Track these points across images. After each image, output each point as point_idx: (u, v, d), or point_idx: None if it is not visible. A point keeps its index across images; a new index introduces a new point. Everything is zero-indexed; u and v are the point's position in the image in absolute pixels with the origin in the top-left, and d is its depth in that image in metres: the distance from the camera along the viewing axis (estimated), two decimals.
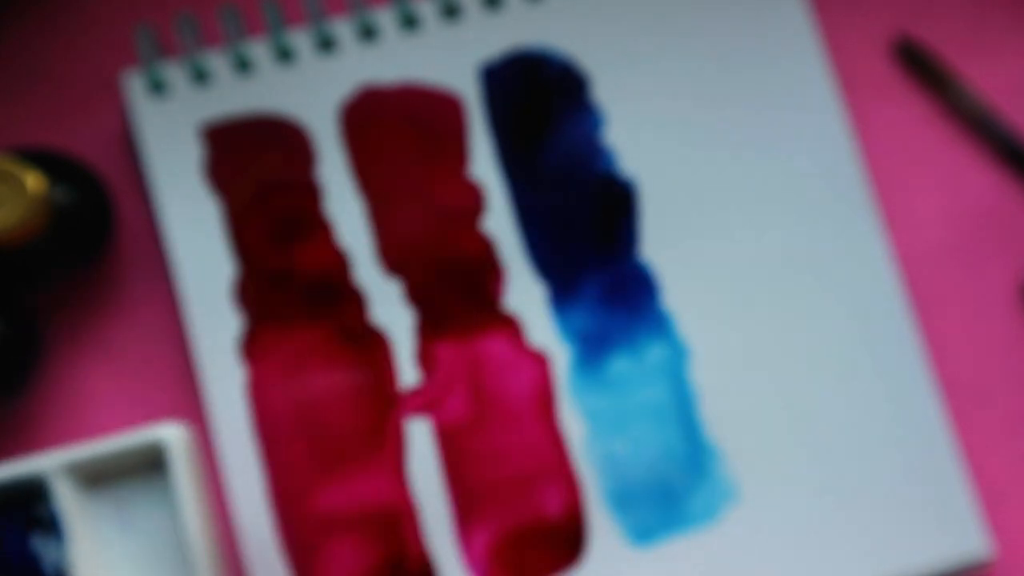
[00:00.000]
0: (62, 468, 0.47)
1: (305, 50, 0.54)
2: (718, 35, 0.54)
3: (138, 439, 0.47)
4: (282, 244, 0.53)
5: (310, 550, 0.51)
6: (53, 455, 0.46)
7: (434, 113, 0.54)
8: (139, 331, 0.54)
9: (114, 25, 0.56)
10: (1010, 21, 0.57)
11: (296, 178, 0.53)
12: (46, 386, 0.54)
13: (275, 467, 0.52)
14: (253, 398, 0.52)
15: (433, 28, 0.54)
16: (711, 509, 0.52)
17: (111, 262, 0.55)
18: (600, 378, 0.53)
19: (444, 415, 0.52)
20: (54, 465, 0.46)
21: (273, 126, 0.53)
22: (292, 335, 0.52)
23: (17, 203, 0.48)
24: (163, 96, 0.53)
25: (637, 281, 0.53)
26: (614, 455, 0.52)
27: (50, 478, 0.46)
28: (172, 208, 0.53)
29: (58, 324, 0.55)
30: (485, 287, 0.53)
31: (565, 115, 0.54)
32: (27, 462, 0.46)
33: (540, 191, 0.54)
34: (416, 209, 0.53)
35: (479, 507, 0.52)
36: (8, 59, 0.56)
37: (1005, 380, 0.55)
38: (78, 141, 0.55)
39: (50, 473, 0.47)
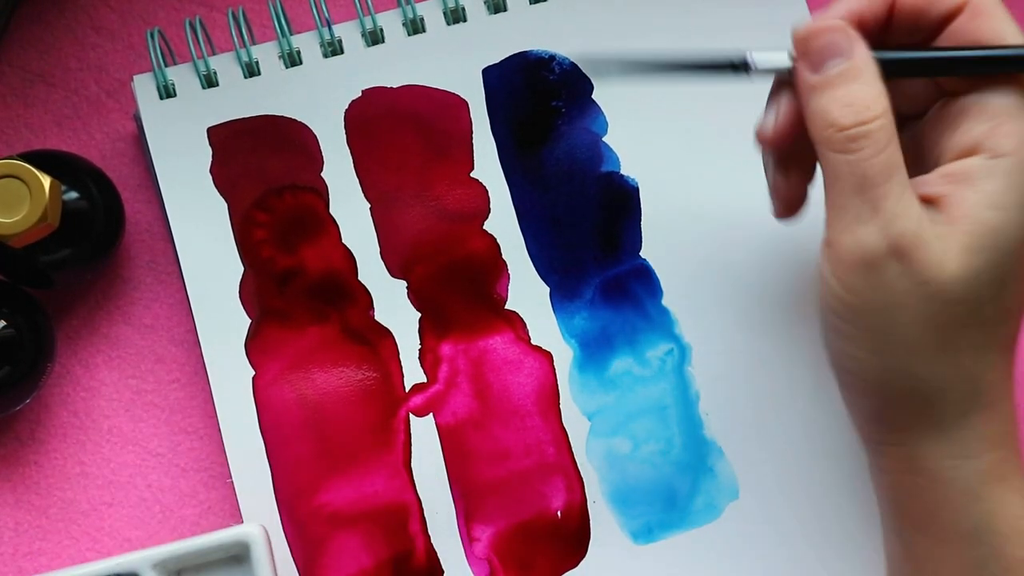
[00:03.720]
0: (151, 564, 0.50)
1: (312, 54, 0.54)
2: (719, 37, 0.54)
3: (225, 537, 0.50)
4: (289, 245, 0.53)
5: (316, 547, 0.52)
6: (145, 552, 0.50)
7: (438, 115, 0.54)
8: (148, 331, 0.55)
9: (125, 31, 0.56)
10: None
11: (303, 180, 0.54)
12: (56, 385, 0.55)
13: (282, 465, 0.52)
14: (260, 397, 0.52)
15: (437, 32, 0.54)
16: (712, 507, 0.52)
17: (121, 263, 0.55)
18: (602, 377, 0.53)
19: (448, 413, 0.53)
20: (144, 561, 0.50)
21: (280, 129, 0.54)
22: (298, 334, 0.53)
23: (30, 205, 0.48)
24: (172, 100, 0.54)
25: (638, 280, 0.53)
26: (616, 453, 0.52)
27: (140, 572, 0.50)
28: (181, 209, 0.53)
29: (68, 323, 0.55)
30: (488, 287, 0.53)
31: (567, 117, 0.54)
32: (119, 559, 0.50)
33: (543, 192, 0.54)
34: (421, 210, 0.54)
35: (483, 504, 0.52)
36: (21, 64, 0.56)
37: None
38: (90, 144, 0.56)
39: (140, 568, 0.50)
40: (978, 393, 0.41)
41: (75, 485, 0.54)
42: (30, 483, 0.54)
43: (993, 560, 0.41)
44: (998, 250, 0.40)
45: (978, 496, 0.41)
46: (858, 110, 0.41)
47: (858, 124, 0.40)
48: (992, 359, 0.41)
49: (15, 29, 0.56)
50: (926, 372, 0.41)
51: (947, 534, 0.41)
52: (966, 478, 0.41)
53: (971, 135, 0.41)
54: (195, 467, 0.54)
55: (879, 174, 0.40)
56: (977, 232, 0.40)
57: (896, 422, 0.42)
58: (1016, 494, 0.41)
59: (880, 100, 0.41)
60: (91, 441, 0.54)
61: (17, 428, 0.54)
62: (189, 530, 0.54)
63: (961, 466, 0.41)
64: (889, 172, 0.40)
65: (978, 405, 0.41)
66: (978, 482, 0.41)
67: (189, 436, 0.54)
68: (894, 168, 0.40)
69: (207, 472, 0.54)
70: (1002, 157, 0.40)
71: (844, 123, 0.41)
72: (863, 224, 0.40)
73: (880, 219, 0.40)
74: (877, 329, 0.41)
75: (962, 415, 0.41)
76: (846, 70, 0.41)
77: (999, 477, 0.41)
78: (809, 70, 0.42)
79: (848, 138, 0.40)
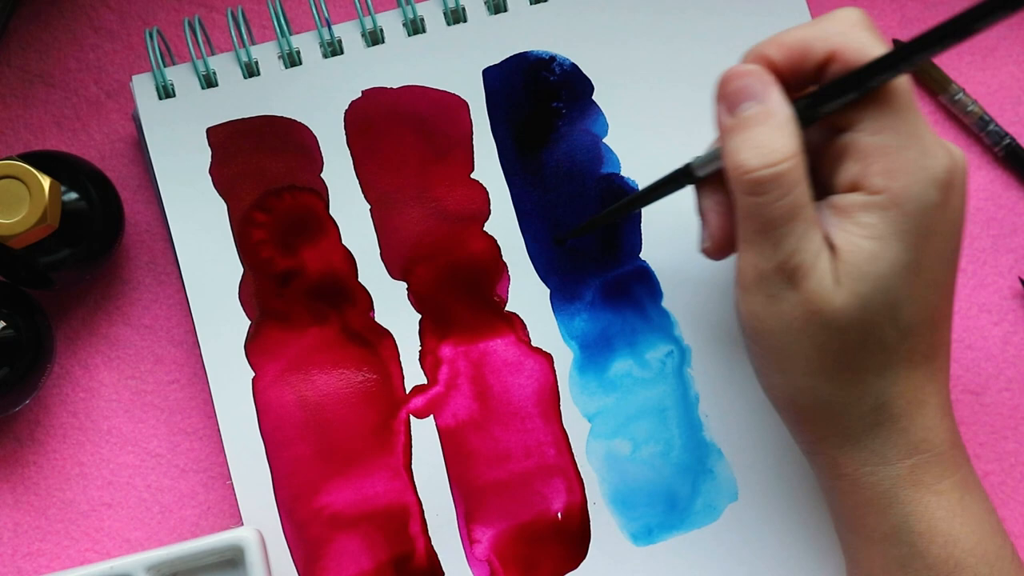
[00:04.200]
0: (146, 567, 0.50)
1: (311, 54, 0.54)
2: (720, 39, 0.54)
3: (220, 540, 0.50)
4: (288, 245, 0.53)
5: (317, 549, 0.52)
6: (139, 556, 0.50)
7: (438, 116, 0.54)
8: (147, 331, 0.55)
9: (124, 31, 0.56)
10: (1003, 27, 0.57)
11: (302, 180, 0.54)
12: (55, 386, 0.55)
13: (281, 466, 0.52)
14: (259, 398, 0.52)
15: (438, 32, 0.54)
16: (712, 508, 0.52)
17: (120, 263, 0.55)
18: (602, 378, 0.53)
19: (449, 415, 0.53)
20: (139, 564, 0.50)
21: (280, 129, 0.54)
22: (298, 335, 0.53)
23: (30, 206, 0.48)
24: (172, 100, 0.54)
25: (638, 282, 0.53)
26: (616, 455, 0.53)
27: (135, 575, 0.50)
28: (180, 210, 0.53)
29: (68, 324, 0.55)
30: (489, 288, 0.53)
31: (568, 118, 0.54)
32: (113, 563, 0.50)
33: (543, 193, 0.54)
34: (421, 211, 0.54)
35: (483, 506, 0.52)
36: (21, 65, 0.56)
37: (1004, 378, 0.55)
38: (89, 145, 0.56)
39: (135, 571, 0.50)
40: (884, 407, 0.44)
41: (74, 486, 0.54)
42: (29, 484, 0.54)
43: (914, 558, 0.43)
44: (883, 276, 0.42)
45: (895, 499, 0.44)
46: (765, 153, 0.42)
47: (764, 167, 0.42)
48: (896, 375, 0.43)
49: (14, 29, 0.56)
50: (827, 391, 0.44)
51: (872, 534, 0.44)
52: (882, 483, 0.44)
53: (849, 173, 0.43)
54: (194, 468, 0.54)
55: (782, 216, 0.42)
56: (859, 262, 0.42)
57: (813, 433, 0.45)
58: (934, 496, 0.44)
59: (787, 144, 0.42)
60: (90, 442, 0.54)
61: (16, 429, 0.54)
62: (188, 531, 0.54)
63: (876, 472, 0.44)
64: (792, 214, 0.42)
65: (885, 417, 0.44)
66: (894, 487, 0.44)
67: (188, 437, 0.54)
68: (798, 209, 0.42)
69: (206, 473, 0.54)
70: (876, 194, 0.42)
71: (751, 166, 0.42)
72: (765, 261, 0.43)
73: (779, 254, 0.42)
74: (779, 351, 0.44)
75: (871, 427, 0.44)
76: (757, 113, 0.43)
77: (914, 482, 0.44)
78: (726, 112, 0.44)
79: (754, 181, 0.42)
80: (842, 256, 0.42)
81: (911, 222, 0.42)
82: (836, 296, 0.42)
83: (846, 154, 0.43)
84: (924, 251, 0.42)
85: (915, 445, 0.44)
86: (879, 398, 0.43)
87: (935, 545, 0.43)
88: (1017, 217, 0.56)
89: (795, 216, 0.42)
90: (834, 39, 0.43)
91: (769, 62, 0.44)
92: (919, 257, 0.42)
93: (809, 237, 0.42)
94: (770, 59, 0.44)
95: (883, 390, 0.43)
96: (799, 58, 0.43)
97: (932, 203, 0.42)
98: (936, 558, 0.43)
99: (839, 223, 0.43)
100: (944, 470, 0.44)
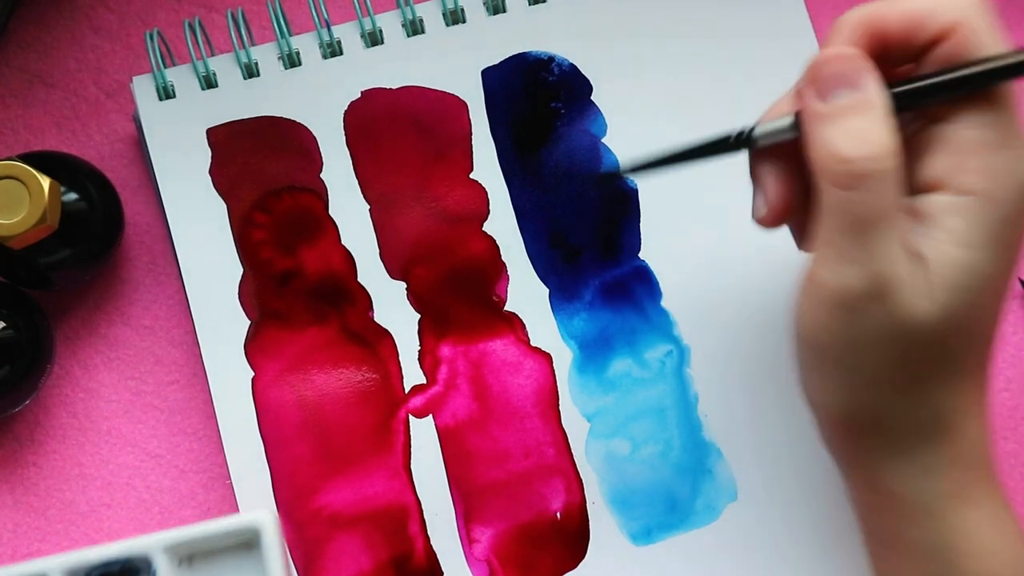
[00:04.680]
0: (163, 547, 0.50)
1: (311, 55, 0.54)
2: (720, 40, 0.54)
3: (236, 523, 0.50)
4: (288, 246, 0.53)
5: (316, 548, 0.52)
6: (156, 536, 0.50)
7: (438, 116, 0.54)
8: (147, 332, 0.55)
9: (124, 32, 0.56)
10: (1001, 27, 0.57)
11: (302, 181, 0.54)
12: (55, 386, 0.55)
13: (281, 466, 0.52)
14: (259, 398, 0.52)
15: (437, 33, 0.54)
16: (711, 509, 0.52)
17: (120, 264, 0.55)
18: (601, 378, 0.53)
19: (448, 415, 0.53)
20: (156, 545, 0.50)
21: (280, 130, 0.54)
22: (298, 335, 0.53)
23: (29, 207, 0.48)
24: (171, 101, 0.54)
25: (638, 282, 0.53)
26: (615, 455, 0.53)
27: (152, 556, 0.50)
28: (180, 210, 0.53)
29: (67, 325, 0.55)
30: (488, 288, 0.53)
31: (567, 118, 0.54)
32: (131, 542, 0.50)
33: (542, 193, 0.54)
34: (420, 211, 0.54)
35: (483, 506, 0.52)
36: (20, 66, 0.56)
37: (1003, 378, 0.55)
38: (89, 146, 0.56)
39: (152, 552, 0.50)
40: (941, 419, 0.41)
41: (74, 486, 0.54)
42: (29, 484, 0.54)
43: (951, 573, 0.41)
44: (969, 289, 0.40)
45: (937, 514, 0.41)
46: (867, 145, 0.39)
47: (864, 160, 0.39)
48: (957, 387, 0.41)
49: (14, 30, 0.56)
50: (891, 404, 0.41)
51: (909, 549, 0.42)
52: (926, 497, 0.41)
53: (936, 169, 0.40)
54: (194, 468, 0.54)
55: (876, 218, 0.39)
56: (948, 272, 0.39)
57: (858, 446, 0.43)
58: (977, 511, 0.42)
59: (890, 140, 0.39)
60: (90, 442, 0.54)
61: (16, 429, 0.54)
62: None
63: (921, 486, 0.42)
64: (887, 215, 0.39)
65: (940, 430, 0.41)
66: (938, 501, 0.41)
67: (188, 437, 0.54)
68: (892, 212, 0.39)
69: (206, 473, 0.54)
70: (967, 195, 0.39)
71: (850, 156, 0.39)
72: (848, 264, 0.39)
73: (869, 259, 0.39)
74: (847, 366, 0.41)
75: (924, 440, 0.41)
76: (857, 102, 0.40)
77: (960, 497, 0.41)
78: (817, 97, 0.40)
79: (850, 173, 0.39)
80: (932, 267, 0.39)
81: (1002, 229, 0.39)
82: (927, 311, 0.39)
83: (935, 147, 0.40)
84: (1010, 261, 0.40)
85: (962, 458, 0.42)
86: (938, 411, 0.41)
87: (972, 560, 0.41)
88: None
89: (889, 219, 0.39)
90: (951, 16, 0.40)
91: (880, 25, 0.41)
92: (1004, 267, 0.40)
93: (896, 244, 0.39)
94: (882, 21, 0.41)
95: (942, 401, 0.41)
96: (912, 28, 0.40)
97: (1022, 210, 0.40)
98: (972, 573, 0.41)
99: (923, 229, 0.40)
100: (987, 486, 0.42)
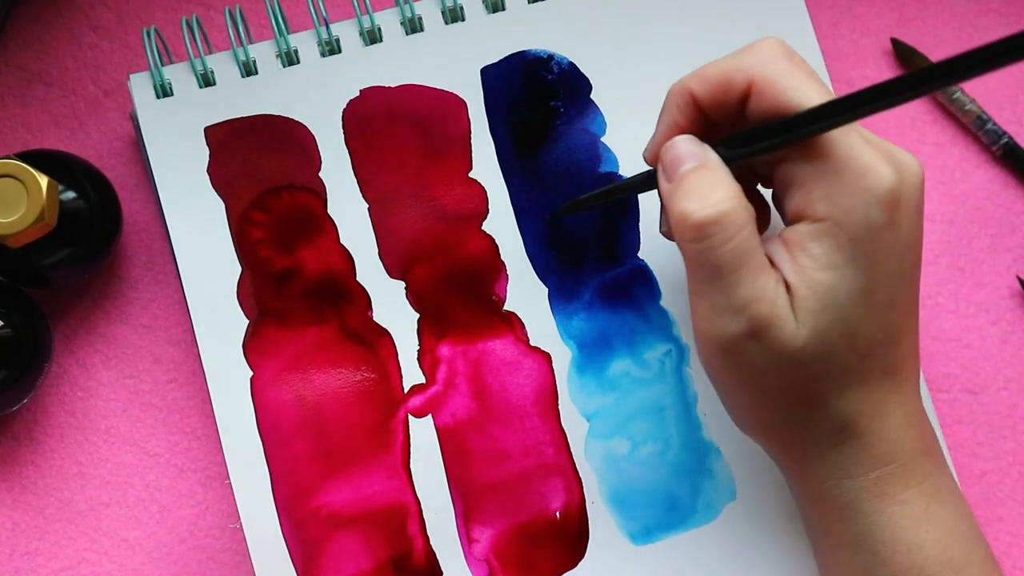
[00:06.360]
0: None
1: (309, 53, 0.54)
2: (719, 39, 0.54)
3: None
4: (287, 245, 0.53)
5: (315, 548, 0.52)
6: None
7: (437, 115, 0.54)
8: (145, 331, 0.55)
9: (122, 30, 0.56)
10: (1001, 27, 0.57)
11: (300, 179, 0.54)
12: (53, 385, 0.55)
13: (280, 466, 0.52)
14: (258, 397, 0.52)
15: (436, 31, 0.54)
16: (710, 508, 0.52)
17: (118, 262, 0.55)
18: (600, 378, 0.53)
19: (447, 414, 0.53)
20: None
21: (278, 128, 0.54)
22: (296, 335, 0.53)
23: (28, 205, 0.48)
24: (169, 99, 0.54)
25: (637, 282, 0.53)
26: (614, 454, 0.53)
27: None
28: (178, 209, 0.53)
29: (66, 323, 0.55)
30: (487, 287, 0.53)
31: (566, 117, 0.54)
32: None
33: (541, 192, 0.54)
34: (419, 210, 0.54)
35: (482, 505, 0.52)
36: (18, 64, 0.56)
37: (1002, 377, 0.55)
38: (87, 144, 0.56)
39: None
40: (849, 426, 0.44)
41: (72, 485, 0.54)
42: (27, 483, 0.54)
43: (879, 565, 0.44)
44: (840, 306, 0.42)
45: (858, 510, 0.44)
46: (704, 200, 0.42)
47: (704, 211, 0.42)
48: (859, 395, 0.44)
49: (12, 29, 0.56)
50: (797, 420, 0.44)
51: (841, 542, 0.45)
52: (846, 495, 0.44)
53: (794, 203, 0.43)
54: (193, 467, 0.54)
55: (730, 262, 0.42)
56: (816, 295, 0.42)
57: (779, 452, 0.46)
58: (898, 505, 0.44)
59: (724, 189, 0.43)
60: (88, 441, 0.54)
61: (14, 428, 0.54)
62: (187, 530, 0.54)
63: (840, 485, 0.44)
64: (741, 259, 0.42)
65: (851, 435, 0.44)
66: (857, 498, 0.44)
67: (187, 436, 0.54)
68: (746, 253, 0.42)
69: (205, 472, 0.54)
70: (820, 221, 0.42)
71: (690, 210, 0.42)
72: (720, 313, 0.43)
73: (734, 306, 0.42)
74: (749, 395, 0.44)
75: (837, 444, 0.44)
76: (692, 169, 0.44)
77: (878, 493, 0.44)
78: (666, 181, 0.45)
79: (696, 227, 0.42)
80: (799, 292, 0.42)
81: (860, 246, 0.42)
82: (799, 337, 0.42)
83: (788, 184, 0.44)
84: (876, 273, 0.42)
85: (878, 458, 0.44)
86: (842, 419, 0.44)
87: (899, 553, 0.44)
88: (1015, 216, 0.56)
89: (744, 262, 0.42)
90: (753, 70, 0.44)
91: (692, 95, 0.45)
92: (872, 280, 0.42)
93: (762, 283, 0.42)
94: (693, 93, 0.45)
95: (844, 410, 0.44)
96: (721, 91, 0.44)
97: (878, 224, 0.42)
98: (900, 565, 0.44)
99: (792, 258, 0.43)
100: (909, 479, 0.44)
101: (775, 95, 0.43)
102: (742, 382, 0.44)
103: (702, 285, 0.43)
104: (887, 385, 0.44)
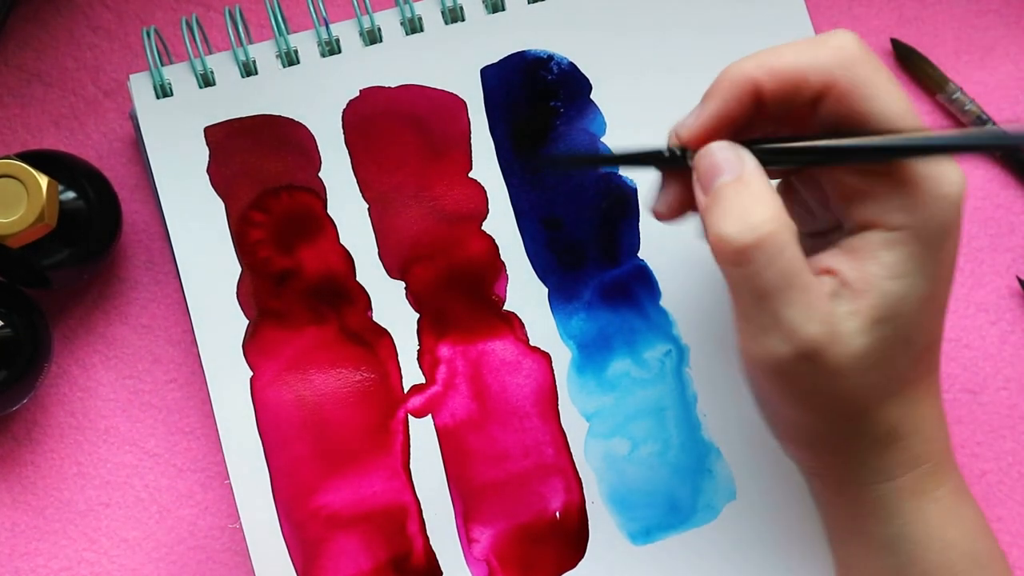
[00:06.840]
0: None
1: (309, 53, 0.54)
2: (719, 38, 0.54)
3: None
4: (286, 245, 0.53)
5: (315, 549, 0.52)
6: None
7: (436, 115, 0.54)
8: (145, 331, 0.55)
9: (122, 30, 0.56)
10: (1001, 27, 0.57)
11: (300, 179, 0.54)
12: (53, 385, 0.55)
13: (280, 466, 0.52)
14: (257, 397, 0.52)
15: (435, 31, 0.54)
16: (710, 508, 0.52)
17: (118, 263, 0.55)
18: (600, 378, 0.53)
19: (447, 414, 0.53)
20: None
21: (278, 128, 0.54)
22: (296, 335, 0.53)
23: (27, 205, 0.48)
24: (169, 99, 0.54)
25: (637, 282, 0.53)
26: (614, 454, 0.53)
27: None
28: (178, 209, 0.53)
29: (65, 324, 0.55)
30: (487, 287, 0.53)
31: (566, 117, 0.54)
32: None
33: (541, 192, 0.54)
34: (419, 210, 0.54)
35: (482, 505, 0.52)
36: (18, 64, 0.56)
37: (1002, 377, 0.55)
38: (86, 144, 0.56)
39: None
40: (894, 430, 0.43)
41: (72, 485, 0.54)
42: (27, 483, 0.54)
43: (912, 564, 0.44)
44: (903, 316, 0.41)
45: (896, 510, 0.44)
46: (744, 222, 0.40)
47: (744, 235, 0.40)
48: (905, 398, 0.43)
49: (12, 29, 0.56)
50: (846, 431, 0.43)
51: (872, 543, 0.44)
52: (885, 496, 0.44)
53: (864, 213, 0.42)
54: (192, 468, 0.54)
55: (775, 285, 0.40)
56: (882, 303, 0.41)
57: (819, 461, 0.45)
58: (932, 503, 0.44)
59: (765, 207, 0.40)
60: (88, 441, 0.54)
61: (14, 428, 0.54)
62: (186, 531, 0.54)
63: (880, 487, 0.44)
64: (786, 280, 0.40)
65: (894, 439, 0.43)
66: (897, 498, 0.44)
67: (186, 436, 0.54)
68: (792, 275, 0.40)
69: (204, 473, 0.54)
70: (896, 230, 0.41)
71: (731, 234, 0.40)
72: (768, 335, 0.41)
73: (784, 329, 0.40)
74: (799, 413, 0.43)
75: (881, 450, 0.43)
76: (730, 183, 0.41)
77: (916, 492, 0.44)
78: (702, 192, 0.42)
79: (737, 251, 0.40)
80: (866, 301, 0.41)
81: (931, 253, 0.41)
82: (856, 349, 0.41)
83: (852, 194, 0.42)
84: (939, 278, 0.42)
85: (918, 457, 0.43)
86: (888, 423, 0.43)
87: (931, 551, 0.43)
88: (1015, 216, 0.56)
89: (790, 283, 0.40)
90: (835, 73, 0.41)
91: (756, 87, 0.42)
92: (935, 286, 0.42)
93: (813, 303, 0.40)
94: (759, 85, 0.42)
95: (890, 415, 0.43)
96: (792, 88, 0.42)
97: (952, 228, 0.41)
98: (932, 563, 0.43)
99: (858, 265, 0.41)
100: (941, 477, 0.44)
101: (855, 102, 0.41)
102: (793, 401, 0.42)
103: (746, 307, 0.41)
104: (923, 385, 0.44)
